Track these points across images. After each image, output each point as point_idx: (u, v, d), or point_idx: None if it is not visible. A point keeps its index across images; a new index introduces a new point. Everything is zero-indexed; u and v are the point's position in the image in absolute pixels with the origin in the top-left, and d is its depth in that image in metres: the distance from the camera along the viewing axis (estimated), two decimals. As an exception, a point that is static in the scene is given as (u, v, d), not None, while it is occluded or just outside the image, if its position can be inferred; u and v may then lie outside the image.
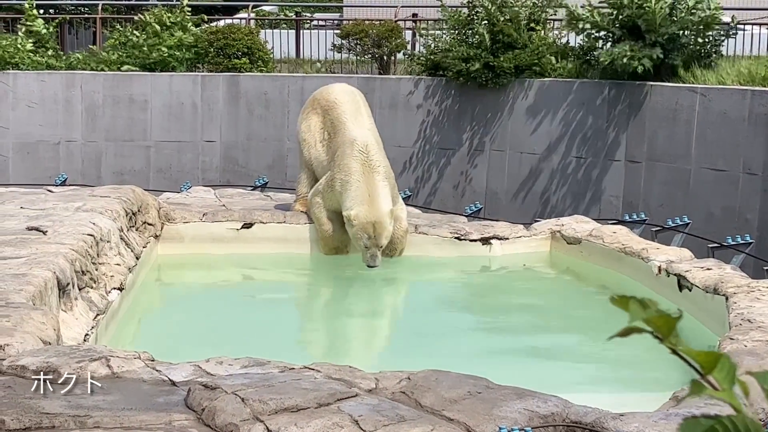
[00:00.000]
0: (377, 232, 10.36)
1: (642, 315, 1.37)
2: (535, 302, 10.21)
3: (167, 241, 11.13)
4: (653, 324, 1.37)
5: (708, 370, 1.37)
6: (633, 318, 1.37)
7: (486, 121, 17.29)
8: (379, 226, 10.37)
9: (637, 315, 1.37)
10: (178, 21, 19.90)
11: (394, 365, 5.87)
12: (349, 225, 10.48)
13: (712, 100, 14.56)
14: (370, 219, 10.37)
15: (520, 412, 4.67)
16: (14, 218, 9.44)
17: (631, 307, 1.38)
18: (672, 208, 14.65)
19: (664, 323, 1.37)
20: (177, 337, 8.69)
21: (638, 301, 1.38)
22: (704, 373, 1.37)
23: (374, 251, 10.39)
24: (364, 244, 10.40)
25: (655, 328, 1.37)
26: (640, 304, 1.38)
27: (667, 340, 1.38)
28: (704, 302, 8.50)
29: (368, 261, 10.42)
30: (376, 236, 10.37)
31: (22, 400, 4.68)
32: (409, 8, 24.27)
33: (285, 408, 4.54)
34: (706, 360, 1.37)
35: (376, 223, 10.37)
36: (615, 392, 7.19)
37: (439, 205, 16.97)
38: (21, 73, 18.86)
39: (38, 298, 6.77)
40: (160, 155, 18.77)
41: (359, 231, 10.38)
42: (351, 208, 10.44)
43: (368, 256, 10.41)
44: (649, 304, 1.38)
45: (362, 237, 10.38)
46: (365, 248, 10.41)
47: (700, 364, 1.37)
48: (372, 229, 10.35)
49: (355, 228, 10.41)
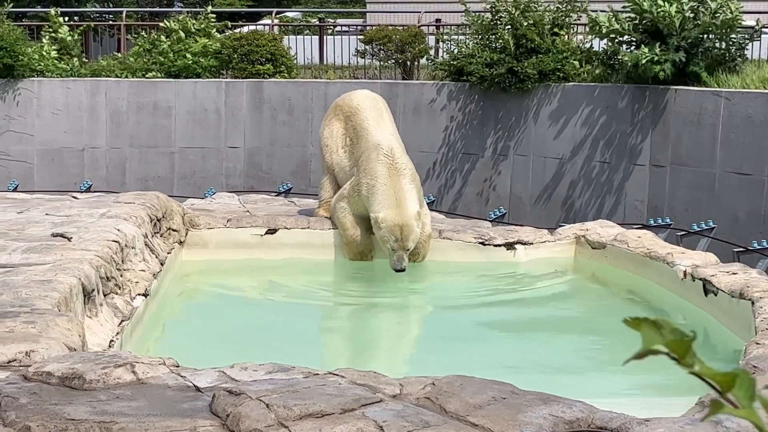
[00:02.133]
0: (404, 235, 10.37)
1: (656, 341, 1.36)
2: (559, 307, 10.18)
3: (192, 247, 11.16)
4: (668, 347, 1.36)
5: (727, 389, 1.36)
6: (646, 344, 1.36)
7: (510, 126, 17.26)
8: (406, 229, 10.38)
9: (651, 341, 1.36)
10: (202, 28, 19.97)
11: (419, 371, 5.85)
12: (377, 228, 10.48)
13: (736, 103, 14.49)
14: (397, 222, 10.37)
15: (545, 418, 4.66)
16: (39, 225, 9.48)
17: (644, 331, 1.37)
18: (697, 212, 14.59)
19: (678, 346, 1.36)
20: (201, 342, 8.70)
21: (652, 323, 1.37)
22: (723, 392, 1.36)
23: (401, 254, 10.40)
24: (391, 247, 10.40)
25: (671, 350, 1.36)
26: (654, 326, 1.37)
27: (684, 360, 1.37)
28: (730, 307, 8.45)
29: (395, 264, 10.42)
30: (403, 239, 10.37)
31: (48, 406, 4.70)
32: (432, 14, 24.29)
33: (309, 414, 4.54)
34: (724, 380, 1.36)
35: (403, 226, 10.37)
36: (641, 397, 7.16)
37: (463, 210, 16.96)
38: (46, 80, 18.96)
39: (63, 305, 6.79)
40: (185, 161, 18.83)
41: (387, 234, 10.38)
42: (379, 210, 10.44)
43: (395, 259, 10.41)
44: (663, 325, 1.37)
45: (389, 240, 10.38)
46: (392, 251, 10.42)
47: (718, 384, 1.36)
48: (399, 232, 10.35)
49: (382, 231, 10.41)
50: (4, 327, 5.95)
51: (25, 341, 5.70)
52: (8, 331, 5.89)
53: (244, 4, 42.82)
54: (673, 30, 15.32)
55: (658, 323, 1.37)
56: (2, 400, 4.74)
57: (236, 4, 42.93)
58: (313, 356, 7.94)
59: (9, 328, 5.94)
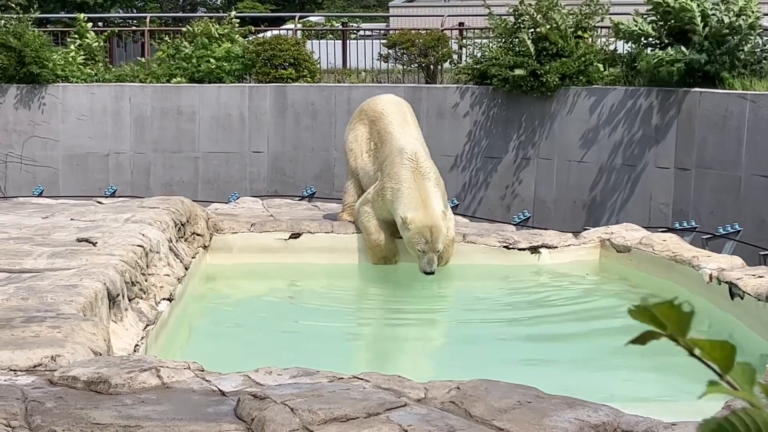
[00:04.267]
0: (434, 237, 10.32)
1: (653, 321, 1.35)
2: (585, 311, 10.14)
3: (216, 252, 11.18)
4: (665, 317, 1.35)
5: (726, 369, 1.35)
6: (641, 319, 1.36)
7: (533, 129, 17.23)
8: (435, 230, 10.33)
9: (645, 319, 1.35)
10: (225, 32, 20.01)
11: (443, 374, 5.84)
12: (405, 229, 10.42)
13: (762, 106, 14.42)
14: (426, 223, 10.33)
15: (570, 422, 4.64)
16: (65, 230, 9.51)
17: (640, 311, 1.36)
18: (722, 215, 14.52)
19: (676, 318, 1.35)
20: (226, 347, 8.71)
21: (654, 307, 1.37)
22: (722, 373, 1.35)
23: (431, 256, 10.34)
24: (420, 249, 10.34)
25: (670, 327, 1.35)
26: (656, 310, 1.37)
27: (683, 339, 1.36)
28: (757, 310, 8.41)
29: (424, 267, 10.35)
30: (433, 240, 10.32)
31: (74, 410, 4.71)
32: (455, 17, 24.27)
33: (334, 418, 4.53)
34: (722, 355, 1.35)
35: (432, 227, 10.33)
36: (667, 401, 7.12)
37: (486, 214, 16.93)
38: (71, 85, 19.05)
39: (89, 309, 6.81)
40: (208, 166, 18.88)
41: (415, 236, 10.33)
42: (406, 212, 10.40)
43: (425, 262, 10.35)
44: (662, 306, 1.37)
45: (419, 241, 10.32)
46: (421, 253, 10.36)
47: (716, 361, 1.35)
48: (429, 234, 10.31)
49: (411, 232, 10.35)
50: (30, 332, 5.98)
51: (51, 346, 5.72)
52: (34, 336, 5.91)
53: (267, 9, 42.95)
54: (696, 28, 15.26)
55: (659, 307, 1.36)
56: (28, 404, 4.76)
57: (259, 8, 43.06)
58: (337, 360, 7.94)
59: (35, 333, 5.96)
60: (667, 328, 1.35)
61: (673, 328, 1.35)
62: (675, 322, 1.35)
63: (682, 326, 1.35)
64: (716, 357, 1.35)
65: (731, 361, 1.34)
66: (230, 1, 48.46)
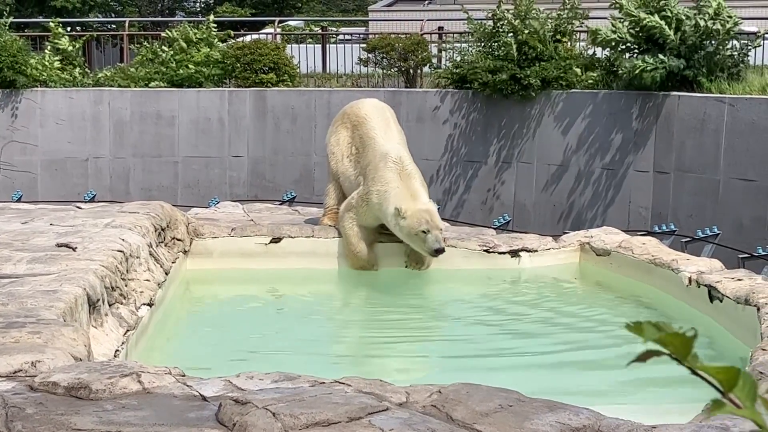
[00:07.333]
0: (432, 216, 10.36)
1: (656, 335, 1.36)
2: (565, 314, 10.17)
3: (196, 257, 11.16)
4: (669, 343, 1.36)
5: (729, 388, 1.36)
6: (647, 338, 1.36)
7: (513, 133, 17.27)
8: (431, 213, 10.38)
9: (651, 335, 1.36)
10: (204, 37, 20.00)
11: (425, 378, 5.85)
12: (401, 219, 10.38)
13: (740, 110, 14.49)
14: (420, 208, 10.36)
15: (551, 425, 4.65)
16: (44, 235, 9.48)
17: (646, 333, 1.37)
18: (701, 218, 14.58)
19: (680, 342, 1.36)
20: (207, 352, 8.70)
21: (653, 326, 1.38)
22: (725, 391, 1.36)
23: (436, 233, 10.30)
24: (423, 231, 10.29)
25: (672, 348, 1.36)
26: (655, 329, 1.37)
27: (686, 360, 1.37)
28: (735, 313, 8.44)
29: (433, 244, 10.29)
30: (433, 219, 10.34)
31: (54, 416, 4.69)
32: (434, 21, 24.30)
33: (316, 422, 4.53)
34: (726, 377, 1.36)
35: (427, 210, 10.37)
36: (647, 404, 7.15)
37: (467, 218, 16.96)
38: (49, 90, 18.99)
39: (69, 315, 6.79)
40: (188, 171, 18.85)
41: (414, 222, 10.30)
42: (399, 204, 10.40)
43: (432, 240, 10.29)
44: (663, 327, 1.37)
45: (420, 224, 10.26)
46: (424, 234, 10.31)
47: (720, 382, 1.36)
48: (427, 215, 10.33)
49: (408, 219, 10.33)
50: (10, 337, 5.96)
51: (31, 351, 5.70)
52: (14, 342, 5.89)
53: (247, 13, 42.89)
54: (667, 39, 15.34)
55: (659, 326, 1.37)
56: (8, 410, 4.74)
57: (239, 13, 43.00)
58: (318, 365, 7.94)
59: (15, 339, 5.94)
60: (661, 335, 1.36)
61: (676, 352, 1.36)
62: (678, 346, 1.36)
63: (685, 350, 1.36)
64: (721, 379, 1.36)
65: (735, 381, 1.35)
66: (209, 5, 48.41)
